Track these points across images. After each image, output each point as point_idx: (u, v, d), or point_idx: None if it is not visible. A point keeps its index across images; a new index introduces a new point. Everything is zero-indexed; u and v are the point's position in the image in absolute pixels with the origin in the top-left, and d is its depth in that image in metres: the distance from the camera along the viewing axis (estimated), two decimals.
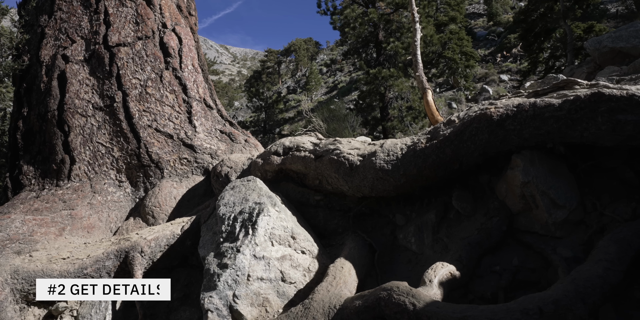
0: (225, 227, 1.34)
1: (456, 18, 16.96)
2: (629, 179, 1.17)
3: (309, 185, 1.68)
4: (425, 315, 0.92)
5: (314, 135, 1.86)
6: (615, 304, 0.97)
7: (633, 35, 4.01)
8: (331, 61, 43.18)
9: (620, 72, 3.40)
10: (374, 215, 1.55)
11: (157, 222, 2.03)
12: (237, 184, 1.51)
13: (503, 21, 30.23)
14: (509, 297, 1.10)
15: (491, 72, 22.82)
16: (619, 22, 18.98)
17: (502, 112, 1.22)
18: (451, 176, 1.38)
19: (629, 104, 1.03)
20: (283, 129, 25.59)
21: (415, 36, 5.55)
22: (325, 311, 1.05)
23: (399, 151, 1.40)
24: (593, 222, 1.17)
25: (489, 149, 1.27)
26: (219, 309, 1.16)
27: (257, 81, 30.01)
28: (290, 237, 1.32)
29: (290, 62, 47.53)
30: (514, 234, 1.28)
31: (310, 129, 11.85)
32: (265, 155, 1.80)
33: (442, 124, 1.42)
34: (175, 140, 2.31)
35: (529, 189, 1.21)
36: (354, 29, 15.01)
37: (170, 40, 2.39)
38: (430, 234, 1.39)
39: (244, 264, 1.21)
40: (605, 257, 0.94)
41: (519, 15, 15.78)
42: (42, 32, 2.48)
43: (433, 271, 1.14)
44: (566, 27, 13.27)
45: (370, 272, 1.38)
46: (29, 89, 2.49)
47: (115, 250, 1.56)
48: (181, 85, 2.38)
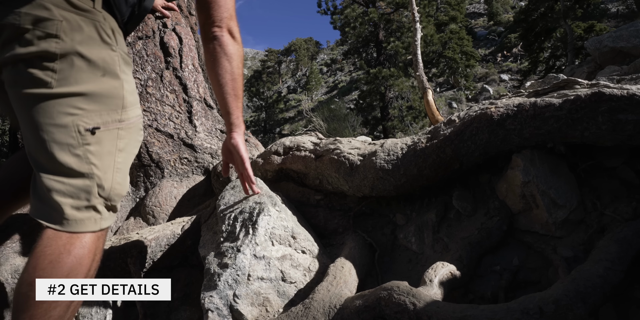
0: (225, 227, 1.35)
1: (456, 18, 16.96)
2: (629, 179, 1.17)
3: (309, 185, 1.68)
4: (425, 314, 0.92)
5: (315, 135, 1.86)
6: (616, 304, 0.97)
7: (634, 35, 4.00)
8: (331, 61, 43.16)
9: (621, 71, 3.40)
10: (374, 215, 1.55)
11: (157, 222, 2.04)
12: (238, 184, 1.51)
13: (503, 21, 30.21)
14: (509, 297, 1.10)
15: (491, 72, 22.81)
16: (619, 22, 18.96)
17: (503, 112, 1.22)
18: (451, 176, 1.38)
19: (629, 103, 1.03)
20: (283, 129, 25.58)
21: (416, 36, 5.55)
22: (326, 311, 1.05)
23: (399, 151, 1.40)
24: (593, 221, 1.16)
25: (489, 149, 1.26)
26: (220, 308, 1.16)
27: (257, 81, 30.02)
28: (291, 236, 1.32)
29: (291, 61, 47.51)
30: (514, 234, 1.28)
31: (310, 129, 11.85)
32: (265, 154, 1.80)
33: (442, 124, 1.42)
34: (175, 140, 2.31)
35: (529, 189, 1.21)
36: (355, 29, 15.01)
37: (171, 40, 2.39)
38: (430, 234, 1.39)
39: (244, 263, 1.21)
40: (606, 256, 0.94)
41: (520, 15, 15.79)
42: None
43: (433, 271, 1.14)
44: (567, 26, 13.25)
45: (370, 272, 1.38)
46: None
47: (115, 249, 1.56)
48: (181, 85, 2.38)
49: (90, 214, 0.90)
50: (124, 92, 0.96)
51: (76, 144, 0.88)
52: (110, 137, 0.93)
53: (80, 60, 0.88)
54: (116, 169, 0.95)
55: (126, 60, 1.00)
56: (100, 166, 0.91)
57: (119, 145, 0.95)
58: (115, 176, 0.95)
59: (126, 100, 0.97)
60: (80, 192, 0.88)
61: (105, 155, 0.92)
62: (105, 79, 0.92)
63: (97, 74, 0.90)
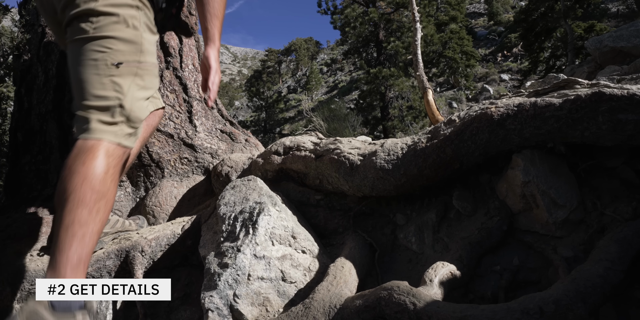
0: (225, 227, 1.34)
1: (457, 17, 16.94)
2: (629, 179, 1.17)
3: (310, 185, 1.68)
4: (425, 314, 0.92)
5: (315, 135, 1.85)
6: (616, 304, 0.96)
7: (634, 35, 4.00)
8: (332, 61, 43.15)
9: (621, 71, 3.40)
10: (375, 214, 1.55)
11: (157, 222, 2.04)
12: (238, 184, 1.51)
13: (504, 20, 30.20)
14: (509, 297, 1.10)
15: (492, 72, 22.80)
16: (619, 22, 18.96)
17: (503, 112, 1.22)
18: (452, 176, 1.38)
19: (630, 103, 1.03)
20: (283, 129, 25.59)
21: (416, 35, 5.54)
22: (326, 311, 1.05)
23: (399, 151, 1.40)
24: (593, 221, 1.16)
25: (489, 149, 1.26)
26: (220, 308, 1.16)
27: (257, 81, 30.03)
28: (291, 236, 1.32)
29: (291, 61, 47.49)
30: (514, 234, 1.28)
31: (310, 129, 11.85)
32: (265, 154, 1.80)
33: (442, 124, 1.42)
34: (175, 140, 2.31)
35: (530, 189, 1.21)
36: (355, 29, 15.00)
37: (171, 40, 2.39)
38: (430, 234, 1.39)
39: (244, 263, 1.21)
40: (606, 256, 0.94)
41: (520, 15, 15.77)
42: (42, 31, 2.48)
43: (433, 271, 1.14)
44: (567, 26, 13.25)
45: (370, 272, 1.38)
46: (30, 89, 2.49)
47: (115, 249, 1.56)
48: (182, 85, 2.38)
49: (111, 128, 1.15)
50: (143, 40, 1.24)
51: (104, 74, 1.15)
52: (131, 72, 1.21)
53: (112, 16, 1.18)
54: (134, 98, 1.20)
55: (150, 27, 1.29)
56: (121, 92, 1.17)
57: (137, 80, 1.22)
58: (134, 102, 1.20)
59: (144, 47, 1.24)
60: (105, 109, 1.15)
61: (126, 84, 1.19)
62: (129, 29, 1.21)
63: (122, 25, 1.19)
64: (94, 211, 1.03)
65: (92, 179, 1.04)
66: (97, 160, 1.07)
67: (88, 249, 1.01)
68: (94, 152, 1.08)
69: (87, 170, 1.05)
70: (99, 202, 1.04)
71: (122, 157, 1.16)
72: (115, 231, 1.66)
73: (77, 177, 1.03)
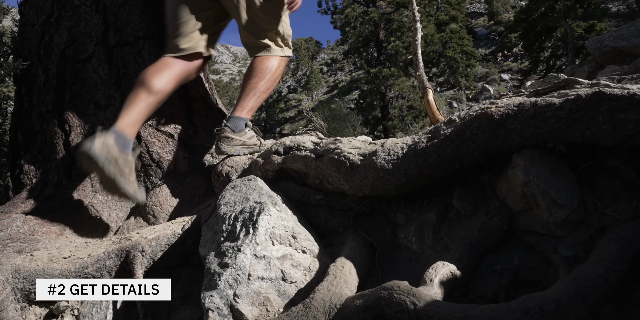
0: (226, 227, 1.35)
1: (457, 17, 16.94)
2: (630, 179, 1.17)
3: (310, 185, 1.68)
4: (425, 314, 0.92)
5: (315, 135, 1.86)
6: (616, 304, 0.96)
7: (634, 35, 4.00)
8: (332, 60, 43.17)
9: (622, 71, 3.40)
10: (375, 214, 1.55)
11: (157, 222, 2.04)
12: (238, 184, 1.51)
13: (504, 20, 30.19)
14: (509, 297, 1.10)
15: (492, 72, 22.80)
16: (620, 21, 18.96)
17: (503, 112, 1.22)
18: (452, 175, 1.38)
19: (630, 103, 1.02)
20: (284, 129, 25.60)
21: (416, 35, 5.54)
22: (326, 310, 1.05)
23: (399, 150, 1.40)
24: (594, 221, 1.16)
25: (489, 149, 1.26)
26: (220, 308, 1.16)
27: None
28: (291, 236, 1.32)
29: (291, 61, 47.48)
30: (514, 234, 1.28)
31: (311, 129, 11.85)
32: (265, 154, 1.80)
33: (442, 124, 1.42)
34: (175, 140, 2.31)
35: (530, 188, 1.21)
36: (355, 28, 15.00)
37: None
38: (430, 233, 1.39)
39: (244, 263, 1.21)
40: (606, 256, 0.94)
41: (520, 15, 15.77)
42: (42, 31, 2.48)
43: (434, 270, 1.14)
44: (567, 26, 13.24)
45: (371, 272, 1.38)
46: (30, 89, 2.49)
47: (116, 249, 1.56)
48: (182, 85, 2.38)
49: (277, 47, 1.99)
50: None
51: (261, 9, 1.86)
52: (279, 5, 1.91)
53: None
54: (283, 23, 1.98)
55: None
56: (275, 22, 1.94)
57: (282, 13, 1.95)
58: (284, 26, 1.99)
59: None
60: (270, 35, 1.96)
61: (277, 16, 1.93)
62: None
63: None
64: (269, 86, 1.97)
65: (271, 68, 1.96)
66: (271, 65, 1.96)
67: (257, 104, 1.96)
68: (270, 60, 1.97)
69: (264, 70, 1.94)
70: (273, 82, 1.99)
71: (283, 66, 2.02)
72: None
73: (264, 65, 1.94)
